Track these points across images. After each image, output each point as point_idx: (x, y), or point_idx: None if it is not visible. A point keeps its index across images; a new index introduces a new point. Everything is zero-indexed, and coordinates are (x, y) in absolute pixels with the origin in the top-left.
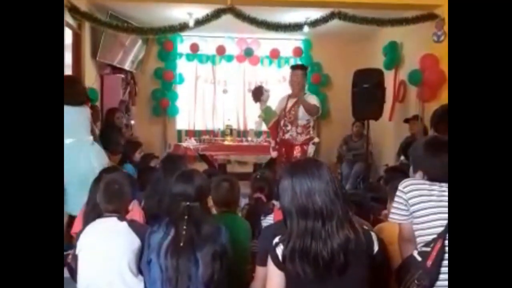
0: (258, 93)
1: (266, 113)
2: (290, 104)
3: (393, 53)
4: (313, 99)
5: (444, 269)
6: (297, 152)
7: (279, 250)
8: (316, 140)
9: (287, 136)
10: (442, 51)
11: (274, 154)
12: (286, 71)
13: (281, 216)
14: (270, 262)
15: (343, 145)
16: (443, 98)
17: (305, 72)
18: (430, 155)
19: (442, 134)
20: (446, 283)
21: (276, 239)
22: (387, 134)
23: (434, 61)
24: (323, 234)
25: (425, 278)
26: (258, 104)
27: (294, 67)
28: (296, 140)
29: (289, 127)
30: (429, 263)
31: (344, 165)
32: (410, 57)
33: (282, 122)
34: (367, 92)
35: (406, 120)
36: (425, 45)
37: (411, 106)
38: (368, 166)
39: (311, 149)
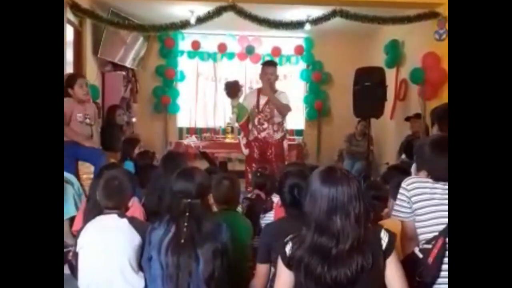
0: (236, 89)
1: (239, 109)
2: (262, 101)
3: (395, 51)
4: (284, 98)
5: (445, 266)
6: (275, 150)
7: (288, 249)
8: (287, 136)
9: (263, 134)
10: (444, 49)
11: (246, 151)
12: (288, 69)
13: (282, 213)
14: (279, 260)
15: (347, 144)
16: (445, 96)
17: (277, 69)
18: (436, 155)
19: (446, 131)
20: (446, 280)
21: (288, 238)
22: (388, 133)
23: (435, 60)
24: (333, 252)
25: (426, 275)
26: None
27: (267, 63)
28: (273, 138)
29: (265, 125)
30: (430, 260)
31: (345, 163)
32: (411, 56)
33: (256, 120)
34: (369, 90)
35: (408, 119)
36: (427, 44)
37: (413, 104)
38: (369, 165)
39: (285, 145)
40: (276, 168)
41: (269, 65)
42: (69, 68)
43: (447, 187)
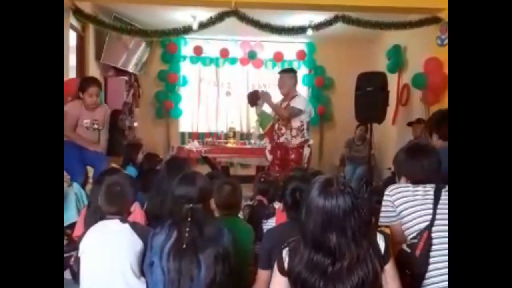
0: (254, 98)
1: (262, 117)
2: (283, 107)
3: (397, 57)
4: (300, 102)
5: (433, 259)
6: (293, 155)
7: (285, 254)
8: (310, 142)
9: (282, 139)
10: (445, 54)
11: (270, 157)
12: None
13: (283, 218)
14: (274, 266)
15: (347, 149)
16: (447, 101)
17: (294, 75)
18: (410, 160)
19: (446, 138)
20: (436, 272)
21: (285, 244)
22: (390, 138)
23: (438, 65)
24: (329, 270)
25: (415, 267)
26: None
27: (281, 71)
28: (291, 143)
29: (283, 130)
30: (417, 252)
31: (347, 168)
32: (413, 61)
33: (276, 126)
34: (370, 95)
35: (410, 124)
36: (429, 49)
37: (415, 109)
38: (371, 170)
39: (306, 151)
40: None
41: (284, 72)
42: (72, 73)
43: (428, 188)
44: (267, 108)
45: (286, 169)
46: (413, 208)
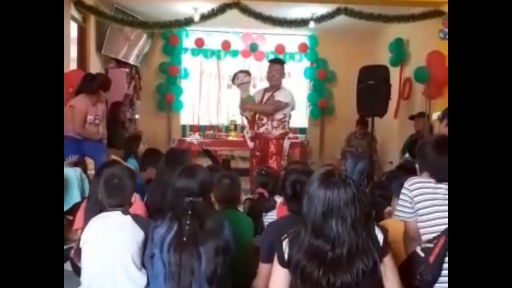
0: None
1: (248, 100)
2: (265, 98)
3: (399, 50)
4: (284, 95)
5: (447, 265)
6: (272, 147)
7: (284, 246)
8: (290, 134)
9: (262, 129)
10: None
11: (251, 144)
12: (291, 67)
13: (284, 212)
14: (275, 258)
15: (347, 143)
16: None
17: (283, 67)
18: (438, 156)
19: None
20: (446, 279)
21: (284, 235)
22: (392, 132)
23: (440, 59)
24: (329, 256)
25: (427, 273)
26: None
27: (271, 61)
28: (271, 134)
29: (264, 121)
30: (431, 259)
31: (348, 162)
32: (416, 54)
33: (257, 116)
34: (373, 88)
35: (412, 117)
36: (431, 42)
37: (417, 103)
38: (372, 164)
39: (286, 144)
40: (277, 165)
41: (274, 62)
42: (73, 65)
43: None
44: (253, 91)
45: (265, 160)
46: (432, 208)
